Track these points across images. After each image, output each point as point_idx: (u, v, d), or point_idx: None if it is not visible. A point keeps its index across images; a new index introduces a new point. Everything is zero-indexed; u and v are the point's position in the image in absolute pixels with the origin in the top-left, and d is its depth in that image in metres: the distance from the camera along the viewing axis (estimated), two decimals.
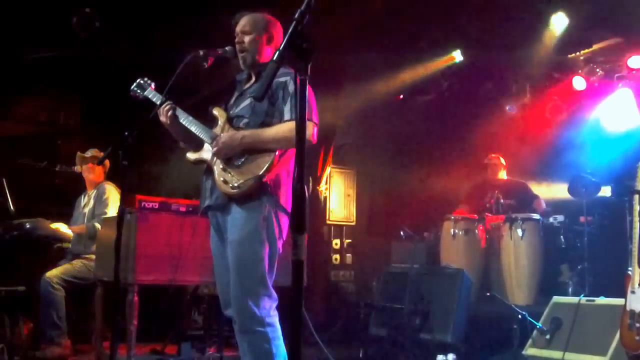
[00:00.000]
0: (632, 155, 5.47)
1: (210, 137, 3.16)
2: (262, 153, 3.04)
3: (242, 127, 3.13)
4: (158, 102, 3.30)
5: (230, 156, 3.08)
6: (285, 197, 3.07)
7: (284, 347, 3.01)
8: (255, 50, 3.17)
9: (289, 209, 3.09)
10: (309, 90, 3.04)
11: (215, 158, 3.13)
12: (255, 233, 2.99)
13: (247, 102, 3.19)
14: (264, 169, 3.00)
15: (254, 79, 3.28)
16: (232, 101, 3.32)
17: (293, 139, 2.92)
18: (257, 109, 3.12)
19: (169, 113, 3.21)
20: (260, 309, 2.96)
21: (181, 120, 3.23)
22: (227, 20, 3.33)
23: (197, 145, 3.25)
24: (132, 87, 3.47)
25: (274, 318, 3.02)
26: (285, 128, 3.01)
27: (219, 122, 3.20)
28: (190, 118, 3.23)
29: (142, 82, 3.48)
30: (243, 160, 3.05)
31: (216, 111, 3.24)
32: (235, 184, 3.01)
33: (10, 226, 5.17)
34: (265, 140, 3.04)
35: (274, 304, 3.04)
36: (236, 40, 3.20)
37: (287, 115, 3.04)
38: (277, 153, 3.03)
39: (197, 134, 3.21)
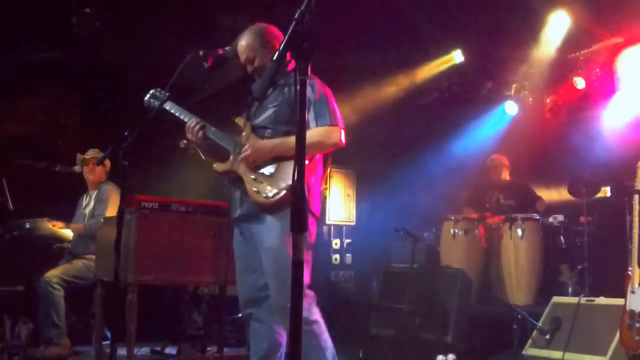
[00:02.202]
0: (632, 155, 5.47)
1: (236, 147, 3.16)
2: (292, 161, 3.04)
3: (267, 136, 3.15)
4: (174, 112, 3.28)
5: (259, 165, 3.09)
6: (315, 202, 3.12)
7: (331, 340, 3.10)
8: (265, 64, 3.18)
9: (318, 214, 3.16)
10: (329, 95, 3.11)
11: (244, 167, 3.11)
12: (290, 240, 3.02)
13: (268, 112, 3.19)
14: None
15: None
16: (252, 110, 3.30)
17: (323, 144, 3.06)
18: (280, 119, 3.13)
19: (199, 134, 3.19)
20: (303, 310, 3.02)
21: (210, 136, 3.22)
22: (227, 20, 3.34)
23: (222, 156, 3.24)
24: (146, 98, 3.42)
25: (317, 315, 3.09)
26: (314, 134, 3.04)
27: (244, 132, 3.20)
28: (213, 129, 3.21)
29: (156, 93, 3.41)
30: (273, 170, 3.07)
31: (239, 121, 3.23)
32: (270, 194, 3.03)
33: (10, 226, 5.17)
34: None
35: (313, 302, 3.11)
36: (247, 68, 3.24)
37: (312, 124, 3.06)
38: (306, 161, 3.05)
39: (224, 146, 3.20)
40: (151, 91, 3.42)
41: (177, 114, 3.32)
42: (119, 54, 6.62)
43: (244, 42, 3.23)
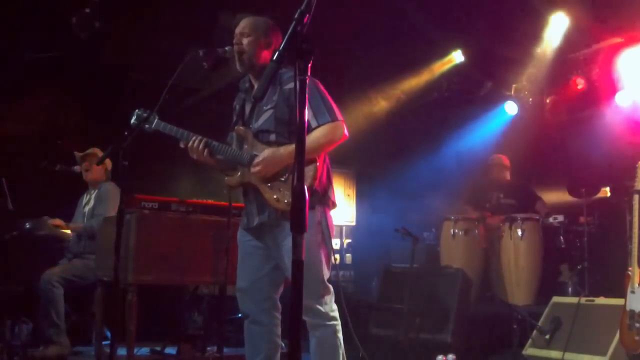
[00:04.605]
0: (632, 155, 5.47)
1: (245, 159, 3.11)
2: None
3: (272, 140, 3.10)
4: (165, 131, 3.22)
5: (273, 174, 3.06)
6: (330, 194, 3.16)
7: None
8: (252, 53, 3.13)
9: (335, 202, 3.20)
10: (320, 87, 3.10)
11: (258, 177, 3.07)
12: (313, 239, 3.03)
13: (266, 115, 3.13)
14: (311, 177, 3.00)
15: (256, 86, 3.22)
16: (247, 114, 3.25)
17: (331, 142, 3.07)
18: (280, 120, 3.08)
19: (205, 151, 3.13)
20: (324, 306, 3.09)
21: (216, 154, 3.17)
22: (227, 20, 3.33)
23: (231, 167, 3.19)
24: (133, 120, 3.27)
25: (336, 312, 3.14)
26: (320, 135, 3.02)
27: (246, 140, 3.15)
28: (215, 144, 3.15)
29: (142, 114, 3.27)
30: (287, 175, 3.04)
31: (240, 130, 3.18)
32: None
33: (10, 226, 5.17)
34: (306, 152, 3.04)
35: (333, 297, 3.15)
36: (234, 41, 3.16)
37: (313, 123, 3.03)
38: (317, 160, 3.04)
39: (232, 160, 3.15)
40: (136, 112, 3.29)
41: (167, 132, 3.22)
42: (119, 54, 6.62)
43: (252, 18, 3.20)
